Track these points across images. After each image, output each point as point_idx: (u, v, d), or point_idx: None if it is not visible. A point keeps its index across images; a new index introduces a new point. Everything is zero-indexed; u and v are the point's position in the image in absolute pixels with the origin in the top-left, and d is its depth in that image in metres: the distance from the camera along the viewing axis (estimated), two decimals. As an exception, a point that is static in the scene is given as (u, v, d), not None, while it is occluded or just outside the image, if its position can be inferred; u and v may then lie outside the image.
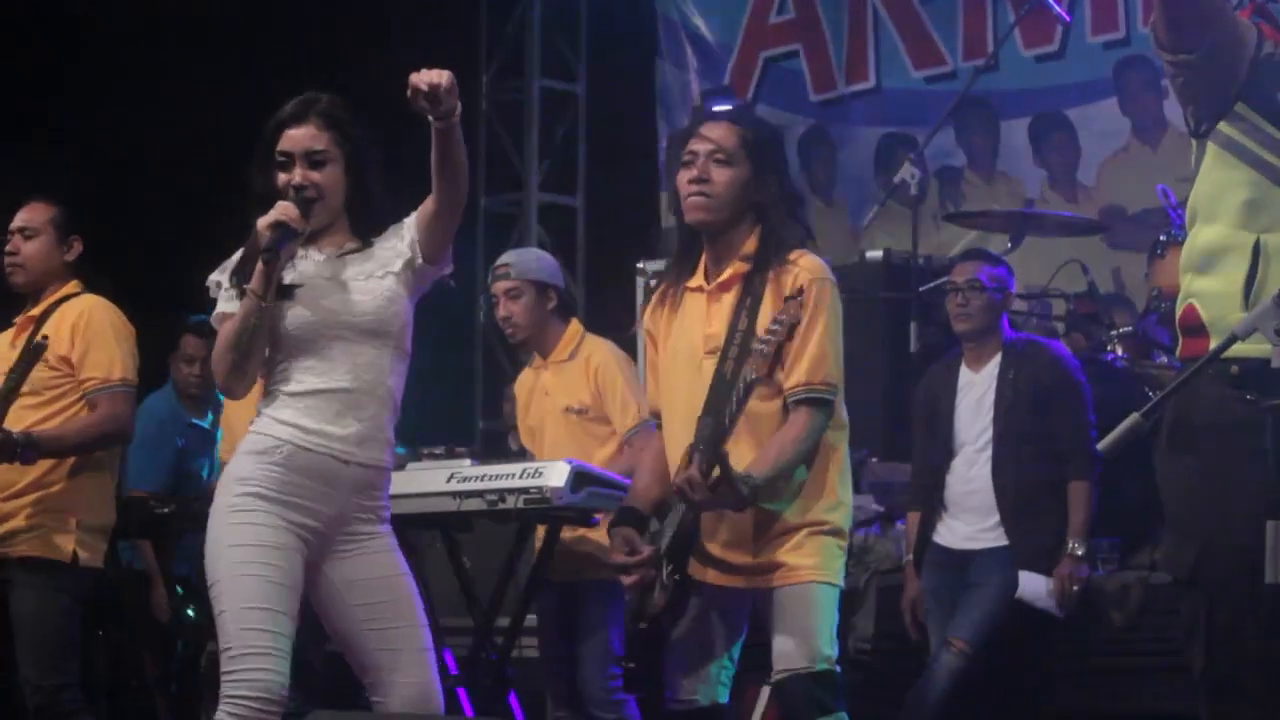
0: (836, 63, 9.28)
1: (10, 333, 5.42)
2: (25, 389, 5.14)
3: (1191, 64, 3.10)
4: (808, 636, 4.02)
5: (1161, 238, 6.38)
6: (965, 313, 5.76)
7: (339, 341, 3.92)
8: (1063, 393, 5.68)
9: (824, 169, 9.34)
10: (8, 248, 5.41)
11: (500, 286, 5.75)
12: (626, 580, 4.12)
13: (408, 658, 3.94)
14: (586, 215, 10.33)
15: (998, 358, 5.76)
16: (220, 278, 4.01)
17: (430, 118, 3.79)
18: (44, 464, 5.21)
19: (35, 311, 5.36)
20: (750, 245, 4.11)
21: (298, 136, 3.95)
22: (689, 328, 4.16)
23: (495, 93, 10.34)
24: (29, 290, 5.41)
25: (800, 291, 3.95)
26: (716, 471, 3.92)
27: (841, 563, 4.12)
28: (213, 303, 4.04)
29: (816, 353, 4.02)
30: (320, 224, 3.96)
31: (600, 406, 5.64)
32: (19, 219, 5.42)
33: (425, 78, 3.74)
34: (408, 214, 4.04)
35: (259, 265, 3.85)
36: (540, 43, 10.23)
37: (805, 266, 4.07)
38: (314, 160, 3.94)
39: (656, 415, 4.30)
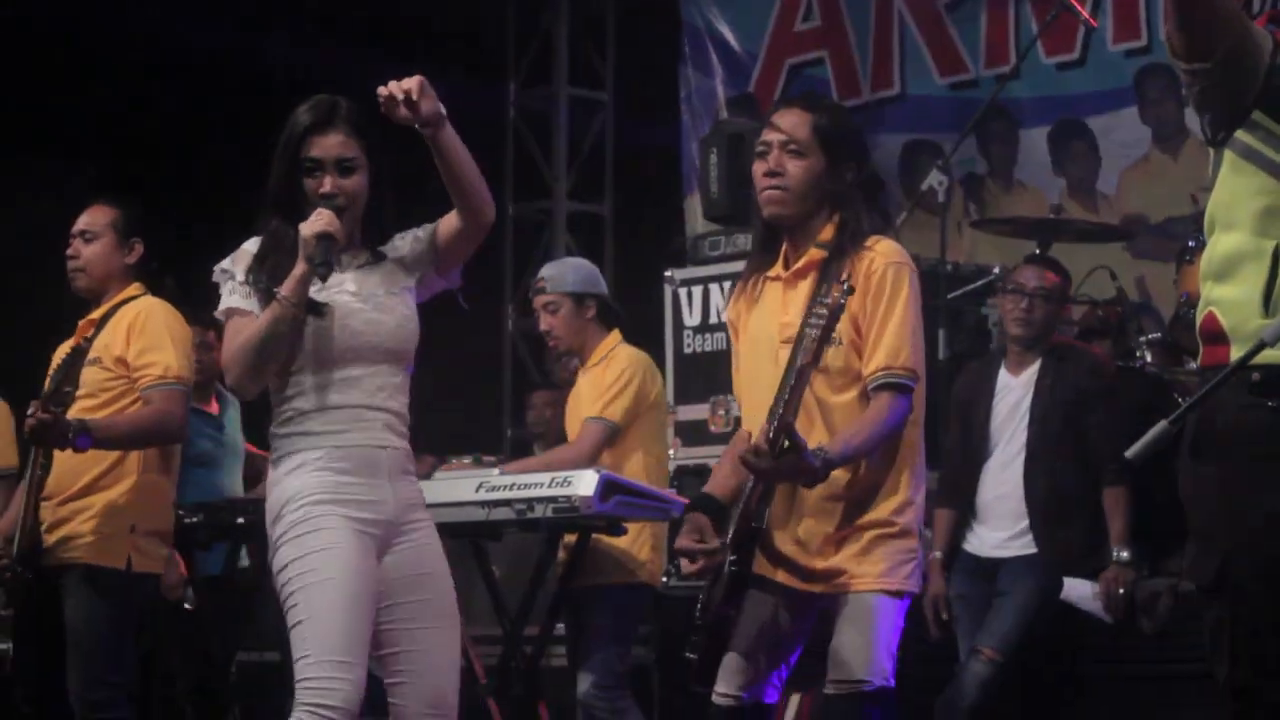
0: (862, 70, 9.30)
1: (74, 339, 5.37)
2: (81, 391, 5.10)
3: (1207, 72, 3.11)
4: (866, 648, 3.95)
5: (1190, 244, 6.38)
6: (1028, 319, 5.73)
7: (360, 363, 3.91)
8: (1099, 398, 5.69)
9: (849, 176, 9.35)
10: (69, 251, 5.38)
11: (539, 301, 5.83)
12: (688, 567, 4.04)
13: (429, 660, 3.91)
14: (614, 223, 10.36)
15: (1038, 363, 5.75)
16: (232, 269, 3.96)
17: (417, 127, 3.80)
18: (98, 468, 5.17)
19: (96, 315, 5.33)
20: (828, 233, 4.05)
21: (328, 144, 3.91)
22: (766, 317, 4.11)
23: (523, 100, 10.39)
24: (91, 294, 5.38)
25: (849, 277, 3.89)
26: (785, 444, 3.82)
27: (911, 566, 4.01)
28: (202, 291, 4.01)
29: (895, 337, 3.96)
30: (347, 229, 3.94)
31: None
32: (80, 222, 5.38)
33: (394, 86, 3.76)
34: (415, 223, 4.04)
35: (299, 274, 3.83)
36: (568, 50, 10.28)
37: (881, 251, 4.02)
38: (345, 168, 3.91)
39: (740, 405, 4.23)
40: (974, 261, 7.45)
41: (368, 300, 3.94)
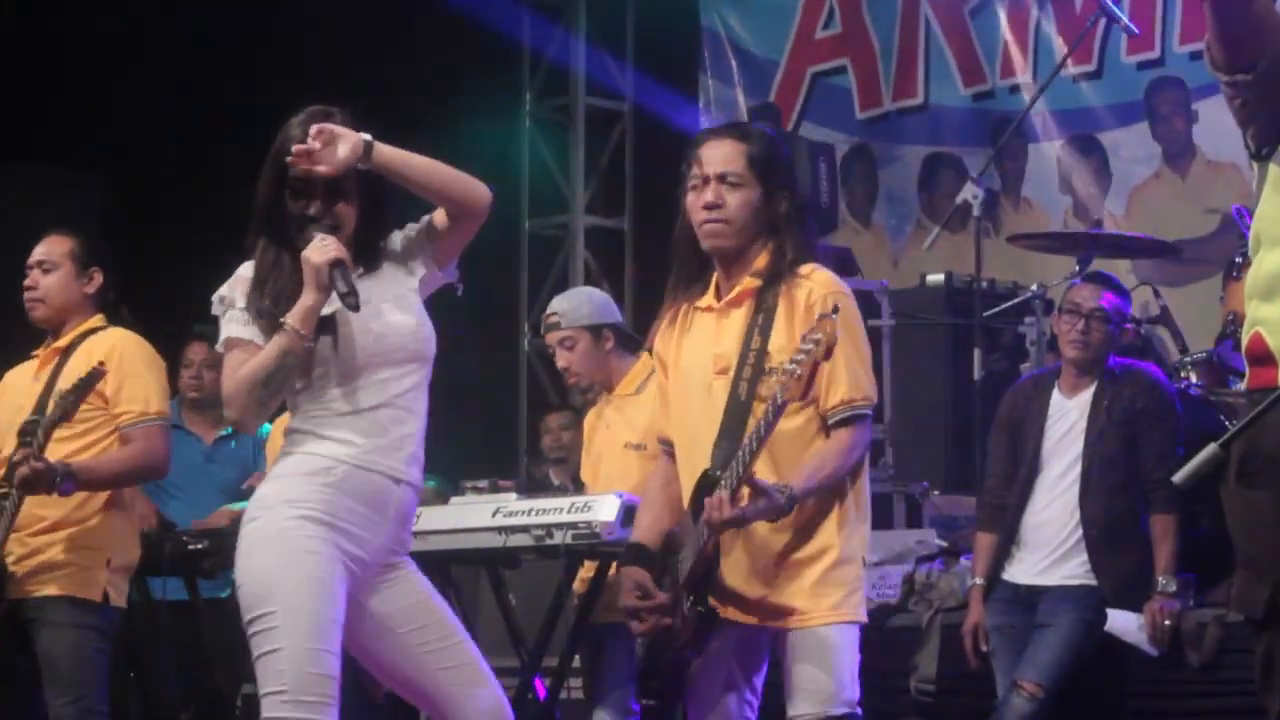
0: (885, 78, 9.32)
1: (32, 365, 5.47)
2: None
3: (1249, 84, 3.12)
4: (824, 682, 4.06)
5: (1237, 259, 6.39)
6: (1084, 341, 5.72)
7: (386, 366, 3.91)
8: (1154, 420, 5.68)
9: (864, 188, 9.36)
10: (27, 282, 5.45)
11: (553, 338, 5.80)
12: (637, 627, 4.14)
13: (471, 672, 3.94)
14: (634, 238, 10.37)
15: (1094, 386, 5.76)
16: (231, 295, 3.94)
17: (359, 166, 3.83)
18: (74, 500, 5.25)
19: (60, 344, 5.41)
20: (762, 261, 4.15)
21: None
22: (698, 349, 4.19)
23: (539, 111, 10.41)
24: (50, 324, 5.46)
25: (836, 310, 3.96)
26: (746, 494, 3.94)
27: (859, 595, 4.14)
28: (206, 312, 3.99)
29: (851, 369, 4.07)
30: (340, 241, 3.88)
31: None
32: (38, 252, 5.46)
33: (298, 149, 3.80)
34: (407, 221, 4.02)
35: (310, 304, 3.80)
36: (586, 60, 10.30)
37: (819, 281, 4.12)
38: (333, 190, 3.87)
39: (667, 443, 4.32)
40: (989, 278, 7.45)
41: (381, 305, 3.93)
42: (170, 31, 8.97)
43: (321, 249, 3.81)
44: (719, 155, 4.16)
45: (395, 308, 3.94)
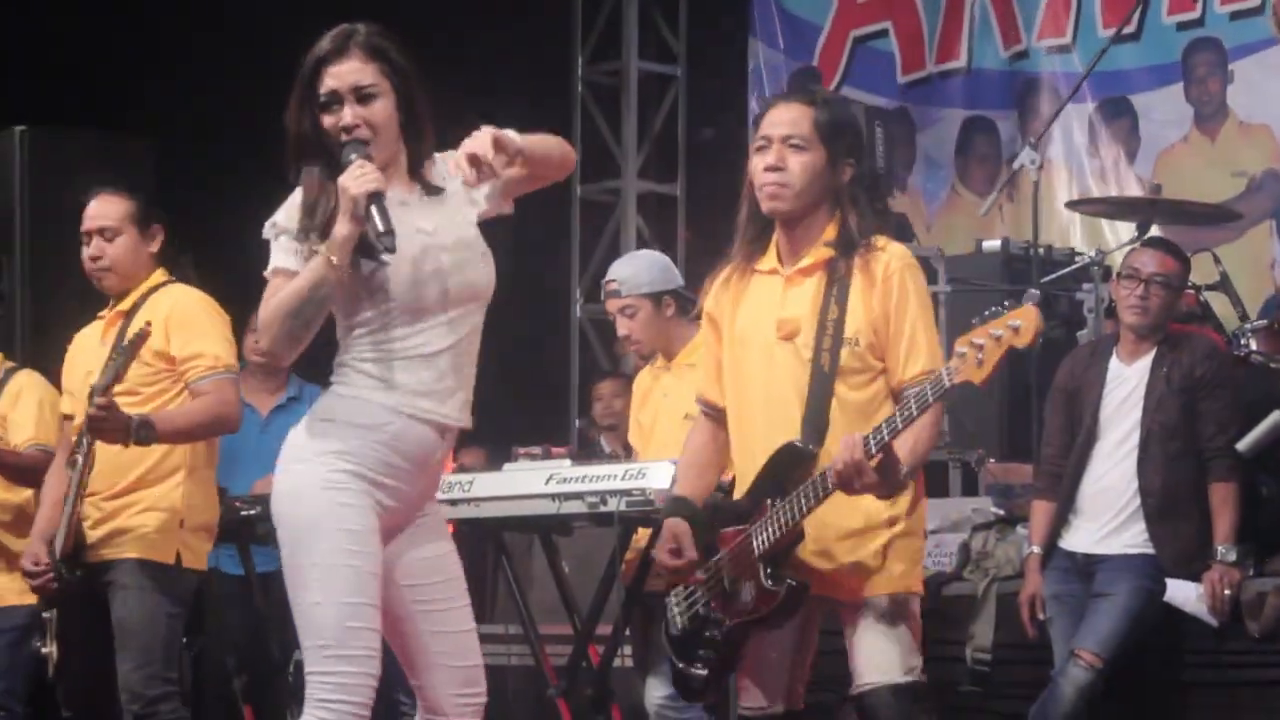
0: (929, 40, 9.26)
1: (99, 327, 5.42)
2: (121, 388, 5.11)
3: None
4: (897, 649, 4.10)
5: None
6: (1143, 307, 5.69)
7: (453, 306, 3.83)
8: (1213, 387, 5.66)
9: (902, 153, 9.31)
10: (90, 251, 5.35)
11: (613, 305, 5.77)
12: (652, 583, 4.19)
13: (460, 641, 3.92)
14: (687, 204, 10.35)
15: (1153, 352, 5.73)
16: (285, 223, 3.82)
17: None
18: (146, 463, 5.22)
19: (125, 306, 5.35)
20: (831, 231, 4.15)
21: (342, 72, 3.78)
22: (759, 313, 4.18)
23: (591, 76, 10.39)
24: (118, 291, 5.39)
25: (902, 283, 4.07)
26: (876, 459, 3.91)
27: (921, 567, 4.20)
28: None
29: (930, 340, 4.10)
30: (380, 164, 3.78)
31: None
32: (95, 218, 5.36)
33: (466, 162, 3.74)
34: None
35: (346, 234, 3.69)
36: (638, 23, 10.27)
37: (895, 253, 4.14)
38: (363, 95, 3.77)
39: (708, 404, 4.31)
40: (1047, 245, 7.40)
41: (447, 236, 3.85)
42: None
43: (359, 178, 3.71)
44: (785, 118, 4.16)
45: (460, 243, 3.86)
